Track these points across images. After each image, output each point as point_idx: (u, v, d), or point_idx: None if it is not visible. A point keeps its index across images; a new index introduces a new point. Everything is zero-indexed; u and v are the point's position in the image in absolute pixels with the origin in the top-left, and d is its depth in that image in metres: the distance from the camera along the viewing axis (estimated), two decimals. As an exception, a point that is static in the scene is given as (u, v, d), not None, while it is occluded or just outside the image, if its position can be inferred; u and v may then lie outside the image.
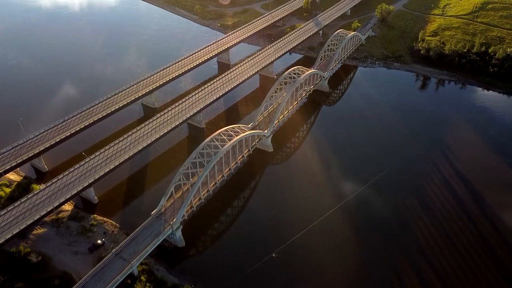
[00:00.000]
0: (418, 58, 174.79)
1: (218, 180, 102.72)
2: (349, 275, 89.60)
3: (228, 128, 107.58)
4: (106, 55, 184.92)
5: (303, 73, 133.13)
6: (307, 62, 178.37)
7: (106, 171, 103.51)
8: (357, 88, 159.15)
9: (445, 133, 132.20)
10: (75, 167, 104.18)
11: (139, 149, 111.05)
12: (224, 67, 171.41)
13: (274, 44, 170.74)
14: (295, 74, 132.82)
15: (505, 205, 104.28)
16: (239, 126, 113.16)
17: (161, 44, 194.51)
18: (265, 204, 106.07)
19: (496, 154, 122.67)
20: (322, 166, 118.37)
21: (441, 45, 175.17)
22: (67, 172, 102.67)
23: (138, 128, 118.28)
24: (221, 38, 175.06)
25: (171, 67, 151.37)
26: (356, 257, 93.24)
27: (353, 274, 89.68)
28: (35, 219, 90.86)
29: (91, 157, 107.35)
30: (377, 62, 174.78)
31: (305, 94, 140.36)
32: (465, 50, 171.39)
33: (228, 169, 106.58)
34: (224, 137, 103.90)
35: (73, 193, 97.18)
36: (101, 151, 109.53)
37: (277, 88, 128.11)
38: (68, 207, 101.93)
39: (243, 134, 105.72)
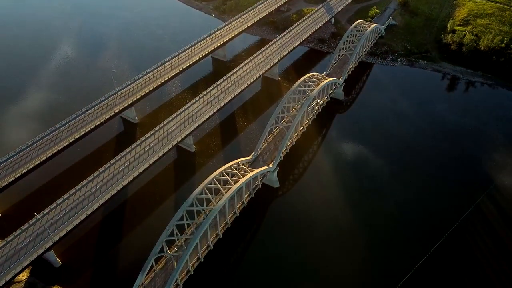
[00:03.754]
0: (447, 54, 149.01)
1: (211, 242, 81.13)
2: None
3: (223, 170, 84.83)
4: (75, 45, 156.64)
5: (317, 85, 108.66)
6: (314, 56, 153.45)
7: (69, 229, 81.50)
8: (379, 95, 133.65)
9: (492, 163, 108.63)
10: (30, 222, 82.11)
11: (112, 194, 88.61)
12: (220, 66, 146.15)
13: (279, 38, 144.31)
14: (306, 87, 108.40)
15: None
16: (238, 163, 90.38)
17: (142, 31, 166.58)
18: (273, 272, 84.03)
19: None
20: (346, 207, 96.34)
21: (473, 37, 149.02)
22: (19, 231, 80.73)
23: (112, 162, 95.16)
24: (216, 29, 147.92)
25: (155, 70, 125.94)
26: None
27: None
28: (-27, 307, 70.17)
29: (52, 207, 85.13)
30: (399, 59, 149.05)
31: (318, 109, 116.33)
32: (503, 45, 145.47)
33: (224, 223, 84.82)
34: (218, 185, 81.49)
35: (24, 265, 75.52)
36: (65, 197, 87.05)
37: (284, 107, 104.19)
38: (23, 275, 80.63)
39: (243, 180, 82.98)
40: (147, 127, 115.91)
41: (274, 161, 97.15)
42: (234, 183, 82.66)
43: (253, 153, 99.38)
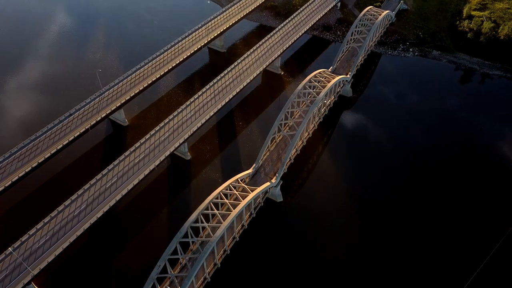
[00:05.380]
0: (463, 44, 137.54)
1: (208, 274, 73.11)
2: None
3: (221, 192, 76.06)
4: (51, 35, 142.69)
5: (324, 86, 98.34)
6: (319, 45, 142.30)
7: (50, 259, 73.28)
8: (390, 91, 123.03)
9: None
10: (7, 252, 73.75)
11: (98, 216, 79.98)
12: (216, 57, 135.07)
13: (282, 27, 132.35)
14: (312, 88, 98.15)
15: None
16: (237, 180, 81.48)
17: (128, 16, 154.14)
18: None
19: None
20: (359, 224, 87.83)
21: (492, 24, 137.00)
22: (-5, 262, 72.75)
23: (98, 178, 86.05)
24: (212, 17, 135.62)
25: (146, 66, 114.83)
26: None
27: None
28: None
29: (31, 233, 76.63)
30: (410, 49, 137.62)
31: (325, 110, 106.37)
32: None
33: (223, 250, 76.65)
34: (215, 211, 72.88)
35: (0, 305, 68.17)
36: (46, 221, 78.31)
37: (288, 112, 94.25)
38: (-1, 310, 73.21)
39: (243, 204, 74.08)
40: (137, 129, 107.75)
41: (277, 174, 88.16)
42: (233, 207, 74.19)
43: (253, 165, 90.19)
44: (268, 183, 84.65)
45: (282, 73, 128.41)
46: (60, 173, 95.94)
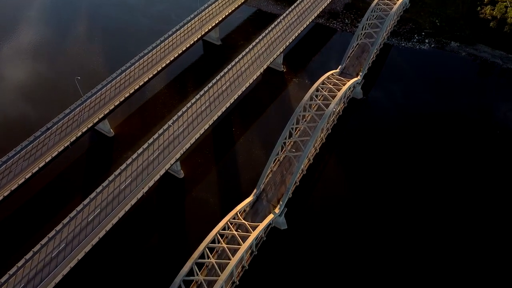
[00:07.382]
0: (484, 34, 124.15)
1: (204, 329, 64.65)
2: None
3: (218, 232, 66.48)
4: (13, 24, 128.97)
5: (334, 95, 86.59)
6: (324, 35, 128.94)
7: (24, 314, 64.76)
8: (406, 91, 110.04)
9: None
10: (-25, 306, 65.26)
11: (79, 258, 70.64)
12: (212, 52, 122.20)
13: (285, 16, 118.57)
14: (319, 98, 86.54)
15: None
16: (236, 214, 71.78)
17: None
18: None
19: None
20: (375, 254, 78.88)
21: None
22: (-39, 319, 64.12)
23: (79, 209, 75.85)
24: (206, 5, 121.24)
25: (132, 67, 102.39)
26: None
27: None
28: None
29: (3, 280, 67.52)
30: (426, 40, 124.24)
31: (334, 120, 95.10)
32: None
33: (220, 297, 67.95)
34: (212, 259, 63.62)
35: None
36: (20, 265, 68.90)
37: (293, 128, 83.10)
38: None
39: (243, 248, 64.66)
40: (125, 141, 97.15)
41: (281, 202, 78.21)
42: (232, 253, 64.91)
43: (254, 191, 79.90)
44: (271, 216, 74.87)
45: (284, 70, 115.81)
46: (36, 198, 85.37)
